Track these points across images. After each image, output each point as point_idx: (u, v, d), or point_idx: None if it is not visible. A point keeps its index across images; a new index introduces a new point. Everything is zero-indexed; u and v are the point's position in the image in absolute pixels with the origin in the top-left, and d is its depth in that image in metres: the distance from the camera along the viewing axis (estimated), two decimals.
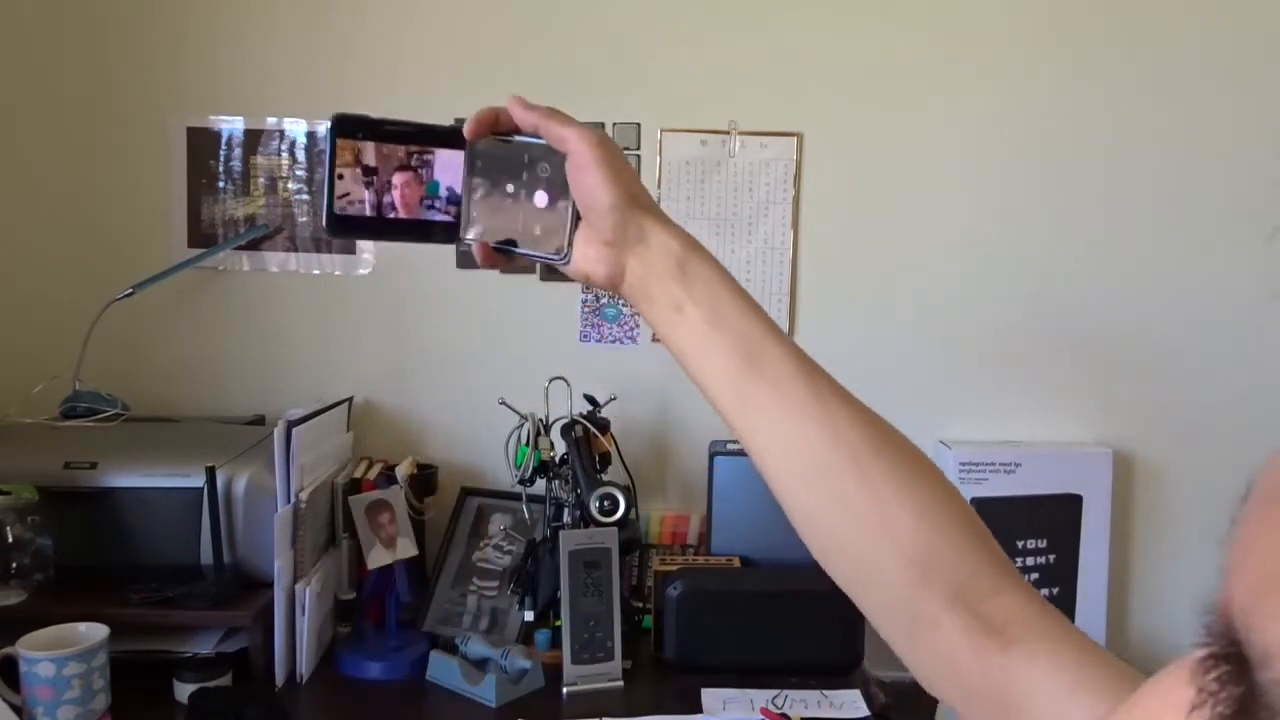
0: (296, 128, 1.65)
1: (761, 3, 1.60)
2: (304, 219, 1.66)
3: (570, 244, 0.66)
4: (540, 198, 0.68)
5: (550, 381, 1.51)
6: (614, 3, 1.61)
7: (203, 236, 1.66)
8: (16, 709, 1.16)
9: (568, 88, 1.61)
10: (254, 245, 1.66)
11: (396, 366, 1.67)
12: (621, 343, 1.65)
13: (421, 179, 0.69)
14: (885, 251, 1.64)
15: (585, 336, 1.66)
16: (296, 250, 1.66)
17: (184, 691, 1.26)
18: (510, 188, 0.68)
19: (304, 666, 1.35)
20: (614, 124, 1.62)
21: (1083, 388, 1.65)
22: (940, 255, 1.63)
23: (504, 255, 0.69)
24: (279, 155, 1.65)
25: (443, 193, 0.69)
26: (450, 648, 1.39)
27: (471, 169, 0.69)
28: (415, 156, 0.69)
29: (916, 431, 1.83)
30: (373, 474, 1.50)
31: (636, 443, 1.63)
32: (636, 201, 0.64)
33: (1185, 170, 1.59)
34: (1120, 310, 1.63)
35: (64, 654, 1.14)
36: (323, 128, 1.64)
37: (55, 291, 1.66)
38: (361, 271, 1.67)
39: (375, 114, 0.69)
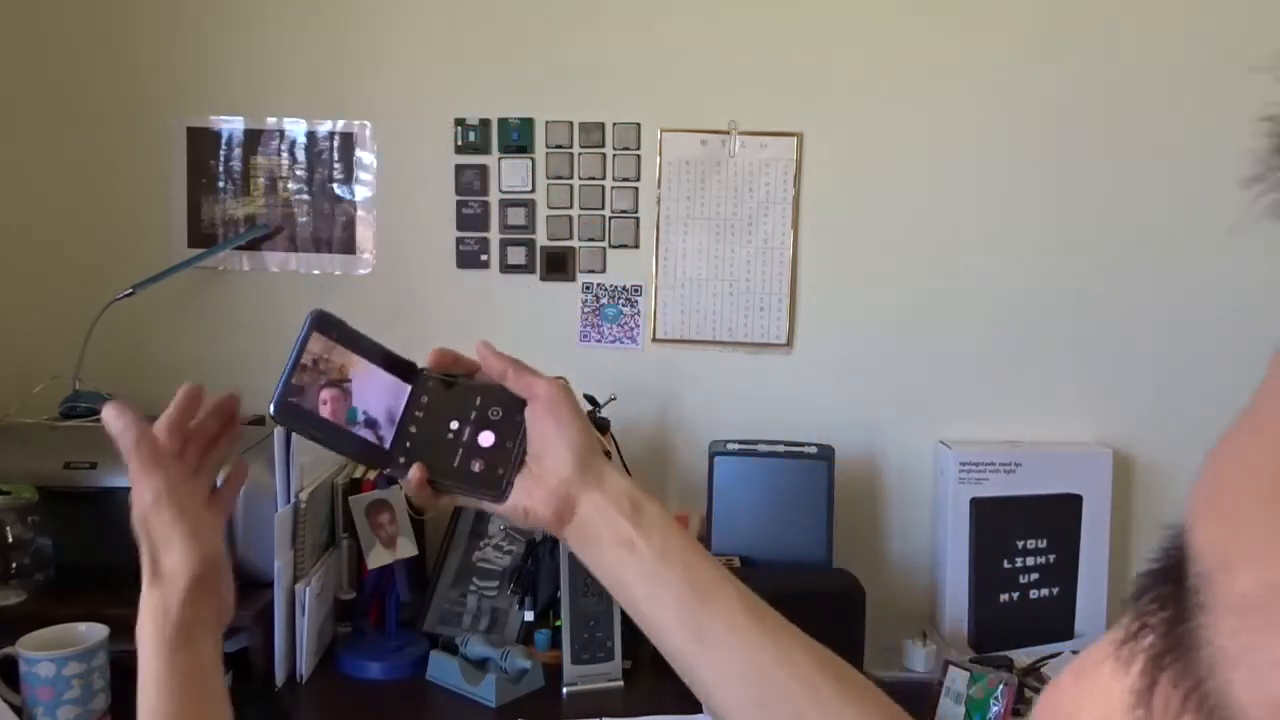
0: (296, 128, 1.65)
1: (762, 3, 1.60)
2: (304, 219, 1.66)
3: (510, 484, 0.69)
4: (486, 437, 0.70)
5: None
6: (614, 3, 1.61)
7: (203, 236, 1.66)
8: (16, 709, 1.16)
9: (567, 88, 1.61)
10: (254, 245, 1.66)
11: None
12: (621, 343, 1.65)
13: (348, 397, 0.70)
14: (885, 251, 1.64)
15: (585, 336, 1.66)
16: (296, 250, 1.67)
17: None
18: (455, 424, 0.70)
19: (304, 666, 1.35)
20: (614, 124, 1.62)
21: (1083, 388, 1.65)
22: (940, 255, 1.63)
23: (437, 490, 0.70)
24: (279, 155, 1.65)
25: (360, 418, 0.70)
26: (450, 648, 1.39)
27: (415, 402, 0.71)
28: (340, 382, 0.70)
29: (916, 431, 1.85)
30: (373, 474, 1.50)
31: (636, 443, 1.63)
32: (597, 447, 0.70)
33: (1189, 169, 1.59)
34: (1121, 310, 1.63)
35: (64, 654, 1.14)
36: (323, 127, 1.65)
37: (55, 291, 1.66)
38: (361, 271, 1.67)
39: (351, 324, 0.71)
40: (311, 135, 1.65)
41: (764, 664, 0.61)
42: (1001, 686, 1.26)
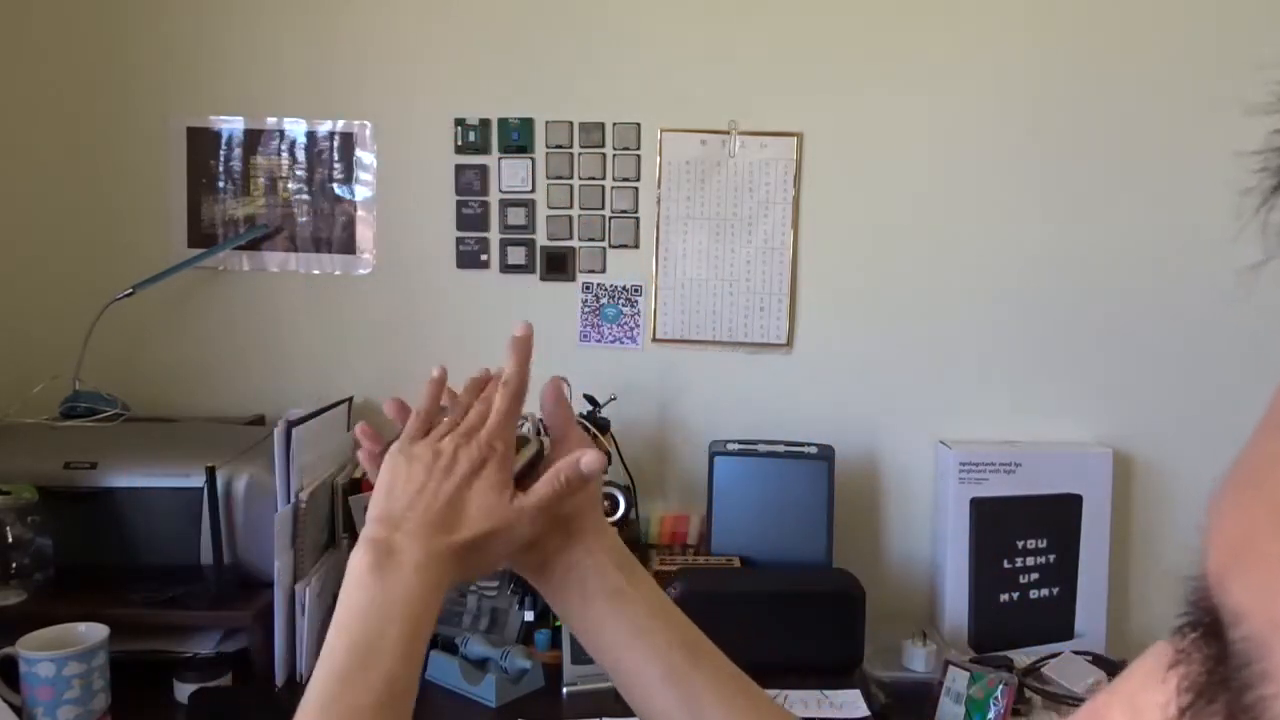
0: (296, 128, 1.65)
1: (762, 3, 1.60)
2: (304, 219, 1.66)
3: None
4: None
5: None
6: (615, 4, 1.61)
7: (203, 236, 1.66)
8: (16, 709, 1.16)
9: (567, 88, 1.61)
10: (254, 245, 1.66)
11: (396, 366, 1.67)
12: (621, 343, 1.65)
13: None
14: (885, 251, 1.64)
15: (585, 336, 1.66)
16: (296, 250, 1.66)
17: (184, 691, 1.26)
18: None
19: (304, 666, 1.35)
20: (614, 124, 1.62)
21: (1083, 388, 1.65)
22: (940, 255, 1.63)
23: None
24: (279, 155, 1.65)
25: None
26: (450, 648, 1.39)
27: None
28: None
29: (916, 431, 1.84)
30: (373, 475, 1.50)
31: (636, 443, 1.63)
32: (601, 509, 0.71)
33: (1189, 170, 1.59)
34: (1121, 310, 1.63)
35: (64, 654, 1.14)
36: (323, 127, 1.65)
37: (55, 291, 1.66)
38: (361, 271, 1.67)
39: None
40: (311, 135, 1.65)
41: None
42: (1001, 686, 1.26)
